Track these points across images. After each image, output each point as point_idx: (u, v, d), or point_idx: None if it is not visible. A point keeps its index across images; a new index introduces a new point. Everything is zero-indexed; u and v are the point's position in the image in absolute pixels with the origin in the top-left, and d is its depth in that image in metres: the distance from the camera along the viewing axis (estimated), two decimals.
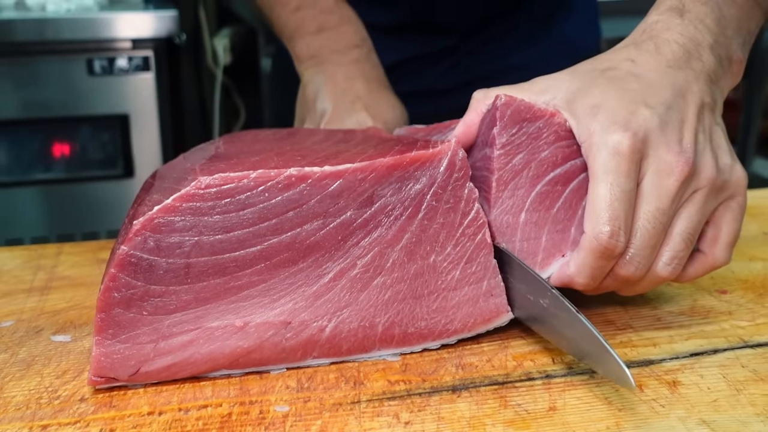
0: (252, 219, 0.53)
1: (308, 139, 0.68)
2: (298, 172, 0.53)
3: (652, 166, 0.54)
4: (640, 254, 0.54)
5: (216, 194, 0.52)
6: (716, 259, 0.57)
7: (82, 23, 1.65)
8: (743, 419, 0.48)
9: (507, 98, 0.57)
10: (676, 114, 0.55)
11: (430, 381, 0.53)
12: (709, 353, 0.56)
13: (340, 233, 0.55)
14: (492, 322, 0.59)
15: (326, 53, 0.82)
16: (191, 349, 0.54)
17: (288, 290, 0.55)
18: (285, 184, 0.53)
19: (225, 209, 0.52)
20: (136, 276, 0.52)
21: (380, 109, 0.79)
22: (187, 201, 0.52)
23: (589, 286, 0.56)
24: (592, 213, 0.53)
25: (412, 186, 0.56)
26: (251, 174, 0.53)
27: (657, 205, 0.53)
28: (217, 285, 0.53)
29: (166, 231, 0.52)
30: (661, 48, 0.57)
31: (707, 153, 0.55)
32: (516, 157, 0.57)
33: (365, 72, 0.82)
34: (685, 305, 0.64)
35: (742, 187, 0.57)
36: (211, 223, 0.52)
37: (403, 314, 0.57)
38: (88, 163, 1.74)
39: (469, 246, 0.58)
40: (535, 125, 0.57)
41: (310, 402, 0.51)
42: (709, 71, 0.57)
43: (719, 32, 0.58)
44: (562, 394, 0.52)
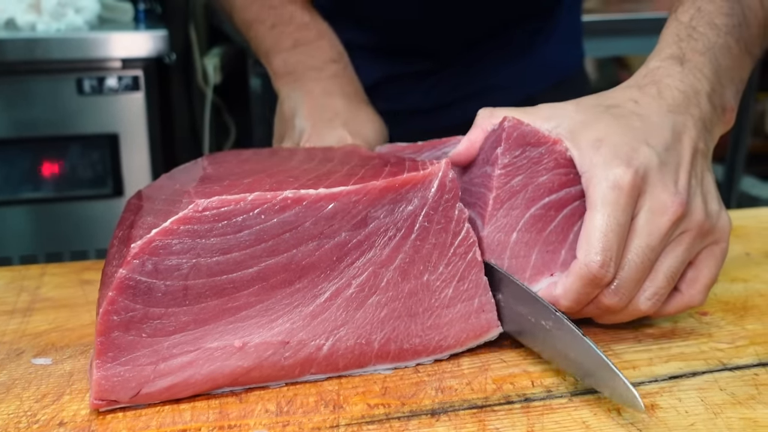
0: (249, 241, 0.54)
1: (292, 158, 0.68)
2: (293, 195, 0.54)
3: (647, 204, 0.55)
4: (625, 286, 0.55)
5: (213, 217, 0.53)
6: (692, 300, 0.60)
7: (72, 43, 1.65)
8: None
9: (515, 121, 0.58)
10: (674, 156, 0.57)
11: (410, 404, 0.53)
12: (688, 376, 0.57)
13: (335, 254, 0.55)
14: (483, 336, 0.60)
15: (303, 69, 0.83)
16: (191, 369, 0.54)
17: (285, 310, 0.55)
18: (281, 206, 0.54)
19: (222, 231, 0.53)
20: (134, 299, 0.52)
21: (359, 126, 0.79)
22: (185, 224, 0.52)
23: (572, 309, 0.57)
24: (586, 241, 0.55)
25: (404, 207, 0.57)
26: (248, 197, 0.53)
27: (648, 241, 0.55)
28: (215, 306, 0.54)
29: (164, 254, 0.52)
30: (663, 92, 0.59)
31: (699, 197, 0.57)
32: (515, 178, 0.59)
33: (343, 87, 0.82)
34: (666, 327, 0.64)
35: (726, 234, 0.59)
36: (209, 246, 0.53)
37: (399, 331, 0.58)
38: (77, 182, 1.74)
39: (461, 264, 0.59)
40: (537, 150, 0.58)
41: (289, 426, 0.51)
42: (704, 118, 0.59)
43: (716, 81, 0.60)
44: (540, 417, 0.52)
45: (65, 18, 1.67)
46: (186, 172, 0.68)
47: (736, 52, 0.62)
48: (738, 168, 2.27)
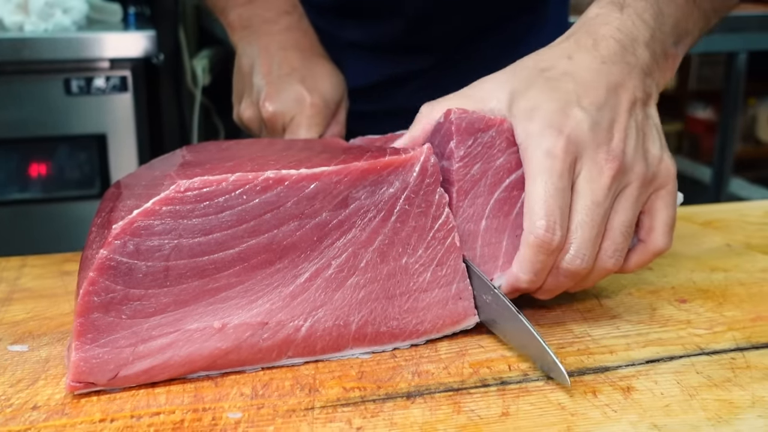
0: (230, 221, 0.54)
1: (272, 146, 0.69)
2: (275, 175, 0.54)
3: (584, 167, 0.56)
4: (584, 247, 0.56)
5: (195, 197, 0.53)
6: (656, 245, 0.60)
7: (60, 43, 1.65)
8: (694, 423, 0.48)
9: (460, 111, 0.59)
10: (608, 113, 0.57)
11: (385, 388, 0.53)
12: (665, 360, 0.56)
13: (315, 234, 0.56)
14: (460, 324, 0.60)
15: (258, 22, 0.83)
16: (170, 351, 0.54)
17: (265, 291, 0.56)
18: (262, 186, 0.54)
19: (204, 212, 0.53)
20: (115, 280, 0.52)
21: (317, 81, 0.80)
22: (167, 204, 0.52)
23: (534, 283, 0.57)
24: (528, 210, 0.55)
25: (385, 190, 0.57)
26: (230, 177, 0.54)
27: (592, 198, 0.55)
28: (196, 287, 0.54)
29: (145, 234, 0.52)
30: (598, 44, 0.60)
31: (637, 151, 0.57)
32: (474, 167, 0.59)
33: (298, 41, 0.83)
34: (644, 314, 0.64)
35: (672, 176, 0.59)
36: (191, 226, 0.53)
37: (376, 313, 0.58)
38: (65, 183, 1.74)
39: (440, 249, 0.59)
40: (488, 134, 0.59)
41: (264, 408, 0.51)
42: (642, 65, 0.60)
43: (656, 28, 0.61)
44: (515, 399, 0.52)
45: (53, 18, 1.67)
46: (165, 161, 0.68)
47: (681, 2, 0.63)
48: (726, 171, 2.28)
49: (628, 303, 0.66)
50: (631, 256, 0.60)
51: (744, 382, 0.53)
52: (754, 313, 0.64)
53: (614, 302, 0.66)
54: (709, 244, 0.81)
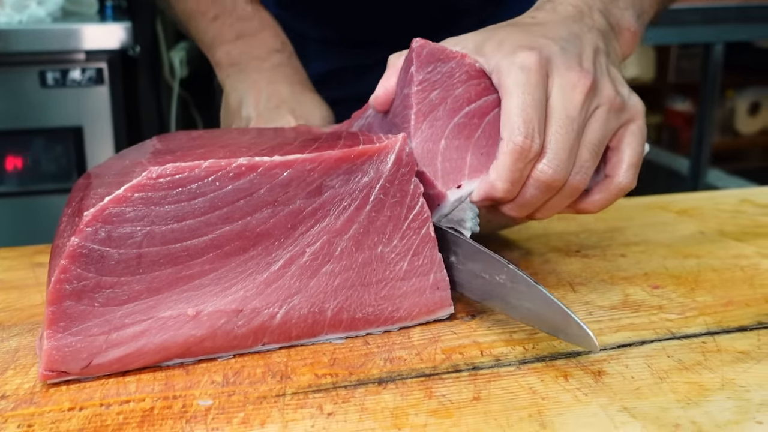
0: (203, 208, 0.53)
1: (244, 135, 0.69)
2: (248, 162, 0.54)
3: (557, 82, 0.58)
4: (557, 158, 0.57)
5: (167, 184, 0.53)
6: (621, 182, 0.61)
7: (35, 35, 1.64)
8: (664, 405, 0.49)
9: (421, 41, 0.61)
10: (574, 46, 0.60)
11: (357, 374, 0.53)
12: (637, 344, 0.57)
13: (289, 221, 0.56)
14: (435, 313, 0.60)
15: (247, 60, 0.83)
16: (143, 339, 0.54)
17: (239, 278, 0.55)
18: (235, 173, 0.54)
19: (176, 199, 0.53)
20: (87, 267, 0.52)
21: (306, 111, 0.80)
22: (139, 191, 0.52)
23: (509, 192, 0.58)
24: (506, 122, 0.57)
25: (360, 178, 0.57)
26: (203, 164, 0.53)
27: (566, 113, 0.57)
28: (169, 274, 0.54)
29: (117, 222, 0.52)
30: (557, 8, 0.64)
31: (606, 76, 0.60)
32: (432, 93, 0.61)
33: (288, 76, 0.83)
34: (617, 300, 0.64)
35: (640, 112, 0.62)
36: (163, 213, 0.53)
37: (352, 300, 0.58)
38: (41, 176, 1.73)
39: (415, 239, 0.59)
40: (448, 65, 0.61)
41: (235, 396, 0.51)
42: (599, 28, 0.63)
43: (609, 2, 0.65)
44: (487, 384, 0.52)
45: (27, 10, 1.65)
46: (136, 150, 0.68)
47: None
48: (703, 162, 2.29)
49: (601, 289, 0.66)
50: (594, 191, 0.62)
51: (714, 365, 0.54)
52: (726, 298, 0.64)
53: (587, 288, 0.66)
54: (683, 231, 0.81)
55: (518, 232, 0.80)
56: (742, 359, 0.54)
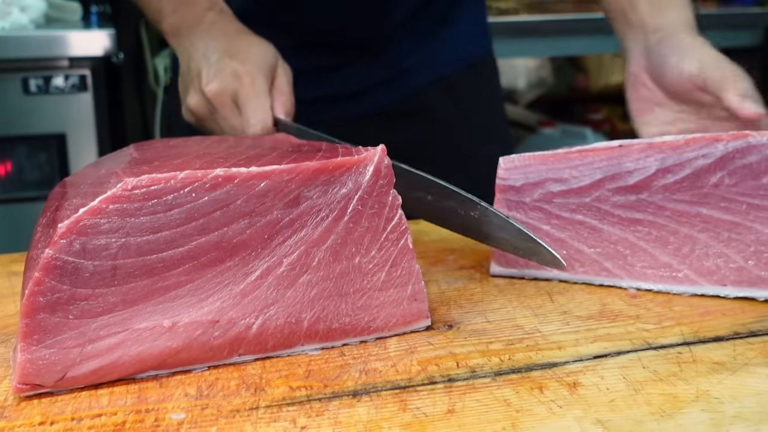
0: (179, 219, 0.53)
1: (221, 143, 0.68)
2: (224, 173, 0.54)
3: None
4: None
5: (143, 195, 0.52)
6: None
7: (17, 42, 1.63)
8: (638, 418, 0.49)
9: None
10: None
11: (332, 386, 0.53)
12: (613, 355, 0.57)
13: (266, 232, 0.55)
14: (412, 324, 0.60)
15: (185, 27, 0.87)
16: (119, 351, 0.53)
17: (216, 289, 0.55)
18: (212, 184, 0.54)
19: (152, 210, 0.53)
20: (61, 279, 0.51)
21: (245, 53, 0.83)
22: (114, 202, 0.52)
23: None
24: None
25: (338, 190, 0.57)
26: (179, 175, 0.53)
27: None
28: (144, 286, 0.53)
29: (92, 233, 0.51)
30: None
31: None
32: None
33: (222, 28, 0.87)
34: (594, 310, 0.64)
35: None
36: (138, 225, 0.52)
37: (329, 310, 0.58)
38: (24, 184, 1.71)
39: (393, 250, 0.59)
40: None
41: (208, 409, 0.51)
42: None
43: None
44: (462, 397, 0.51)
45: (10, 17, 1.65)
46: (112, 159, 0.68)
47: None
48: None
49: (579, 299, 0.66)
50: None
51: (689, 376, 0.53)
52: (703, 308, 0.64)
53: (566, 298, 0.66)
54: None
55: None
56: (717, 370, 0.54)
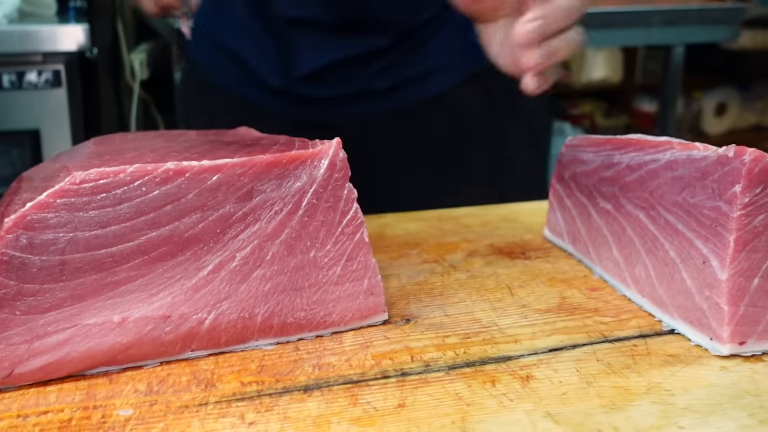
0: (129, 213, 0.53)
1: (180, 137, 0.68)
2: (175, 167, 0.53)
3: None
4: None
5: (91, 189, 0.52)
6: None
7: None
8: (588, 411, 0.48)
9: (757, 154, 0.53)
10: None
11: (284, 381, 0.52)
12: (568, 348, 0.56)
13: (218, 226, 0.55)
14: (368, 318, 0.60)
15: None
16: (67, 347, 0.53)
17: (167, 284, 0.55)
18: (162, 178, 0.53)
19: (101, 204, 0.52)
20: (8, 275, 0.51)
21: None
22: (62, 197, 0.51)
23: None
24: None
25: (292, 183, 0.56)
26: (128, 168, 0.53)
27: None
28: (93, 281, 0.53)
29: (39, 228, 0.51)
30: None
31: None
32: (757, 218, 0.54)
33: None
34: (553, 303, 0.64)
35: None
36: (87, 219, 0.52)
37: (283, 305, 0.57)
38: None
39: (349, 244, 0.59)
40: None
41: (156, 405, 0.50)
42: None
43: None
44: (414, 391, 0.51)
45: None
46: (70, 153, 0.67)
47: None
48: None
49: (539, 292, 0.66)
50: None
51: (642, 368, 0.53)
52: None
53: (525, 291, 0.66)
54: None
55: (464, 235, 0.79)
56: (671, 362, 0.54)
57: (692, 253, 0.56)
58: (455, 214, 0.86)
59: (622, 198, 0.65)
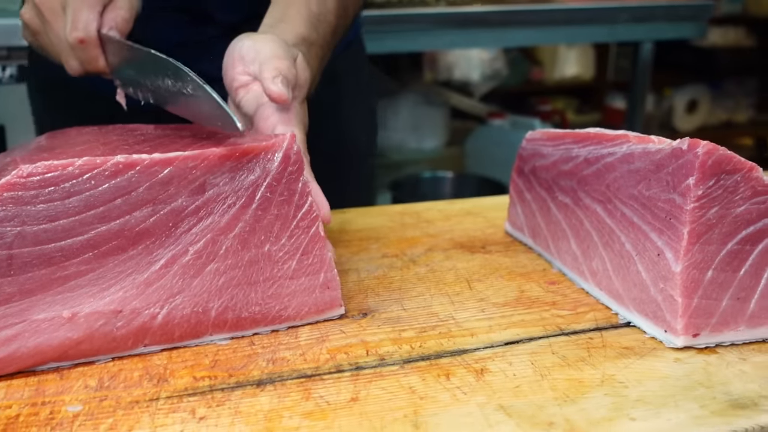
0: (78, 207, 0.52)
1: (135, 131, 0.67)
2: (125, 160, 0.53)
3: None
4: None
5: (39, 183, 0.51)
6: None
7: None
8: (540, 403, 0.48)
9: (710, 146, 0.53)
10: None
11: (237, 376, 0.52)
12: (524, 341, 0.56)
13: (170, 220, 0.54)
14: (325, 313, 0.60)
15: None
16: (16, 343, 0.52)
17: (118, 278, 0.54)
18: (112, 171, 0.52)
19: (49, 198, 0.51)
20: None
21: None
22: (8, 190, 0.50)
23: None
24: None
25: (245, 176, 0.56)
26: (76, 161, 0.52)
27: None
28: (42, 276, 0.52)
29: None
30: None
31: None
32: (710, 210, 0.54)
33: None
34: (511, 296, 0.64)
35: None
36: (35, 213, 0.51)
37: (237, 299, 0.57)
38: None
39: (304, 238, 0.58)
40: (732, 178, 0.53)
41: (106, 401, 0.49)
42: None
43: None
44: (367, 385, 0.51)
45: None
46: (23, 147, 0.66)
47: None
48: None
49: (497, 285, 0.66)
50: None
51: (597, 361, 0.53)
52: None
53: (484, 285, 0.66)
54: None
55: (425, 229, 0.79)
56: (625, 355, 0.54)
57: (647, 246, 0.57)
58: (417, 208, 0.86)
59: (580, 191, 0.65)
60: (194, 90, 0.58)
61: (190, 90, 0.58)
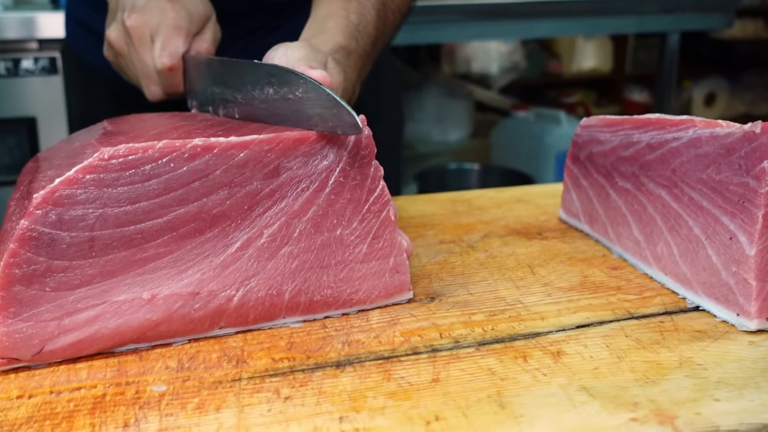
0: (157, 190, 0.52)
1: (197, 117, 0.67)
2: (203, 143, 0.53)
3: None
4: None
5: (120, 165, 0.51)
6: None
7: None
8: (622, 384, 0.49)
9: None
10: None
11: (315, 358, 0.52)
12: (595, 325, 0.57)
13: (246, 203, 0.55)
14: (394, 297, 0.60)
15: None
16: (97, 324, 0.52)
17: (195, 261, 0.54)
18: (190, 154, 0.53)
19: (130, 180, 0.52)
20: (37, 251, 0.50)
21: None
22: (90, 172, 0.51)
23: None
24: None
25: (319, 161, 0.56)
26: (156, 144, 0.52)
27: None
28: (123, 258, 0.53)
29: (68, 204, 0.50)
30: None
31: None
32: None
33: None
34: (576, 281, 0.64)
35: None
36: (116, 195, 0.51)
37: (310, 282, 0.57)
38: None
39: (375, 222, 0.59)
40: None
41: (189, 381, 0.50)
42: None
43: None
44: (446, 366, 0.51)
45: None
46: (86, 133, 0.66)
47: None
48: None
49: (560, 271, 0.66)
50: None
51: (672, 344, 0.54)
52: None
53: (546, 270, 0.66)
54: None
55: (479, 216, 0.79)
56: (699, 338, 0.54)
57: (718, 230, 0.57)
58: (468, 196, 0.86)
59: (643, 176, 0.65)
60: (305, 92, 0.56)
61: (299, 93, 0.57)
